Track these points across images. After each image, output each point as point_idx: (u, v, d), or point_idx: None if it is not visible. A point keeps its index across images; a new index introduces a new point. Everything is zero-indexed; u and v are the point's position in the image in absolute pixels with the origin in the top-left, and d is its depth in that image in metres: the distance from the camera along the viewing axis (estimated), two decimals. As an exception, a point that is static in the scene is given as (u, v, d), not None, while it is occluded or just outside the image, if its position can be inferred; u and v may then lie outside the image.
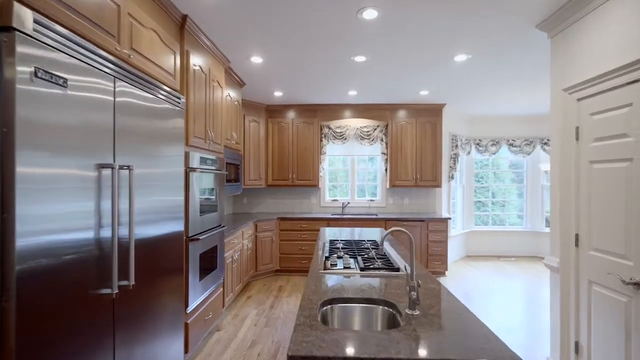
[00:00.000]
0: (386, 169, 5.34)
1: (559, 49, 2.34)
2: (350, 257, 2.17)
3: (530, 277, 4.81)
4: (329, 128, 5.34)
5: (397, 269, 1.90)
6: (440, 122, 5.09)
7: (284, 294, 4.09)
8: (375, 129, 5.32)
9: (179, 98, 2.20)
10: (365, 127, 5.34)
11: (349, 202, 5.33)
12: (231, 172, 3.88)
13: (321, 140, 5.33)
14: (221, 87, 3.17)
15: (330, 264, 2.00)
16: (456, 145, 5.64)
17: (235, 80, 3.86)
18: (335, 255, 2.23)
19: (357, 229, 3.53)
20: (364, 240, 2.77)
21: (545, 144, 5.96)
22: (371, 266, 1.95)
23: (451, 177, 5.60)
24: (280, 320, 3.27)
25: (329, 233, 3.27)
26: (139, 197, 1.74)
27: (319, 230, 4.79)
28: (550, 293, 2.42)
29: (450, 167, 5.61)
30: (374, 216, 4.99)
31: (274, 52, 3.08)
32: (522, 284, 4.47)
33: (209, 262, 2.80)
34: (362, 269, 1.90)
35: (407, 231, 1.49)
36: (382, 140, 5.33)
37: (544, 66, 3.39)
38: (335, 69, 3.53)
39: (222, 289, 3.19)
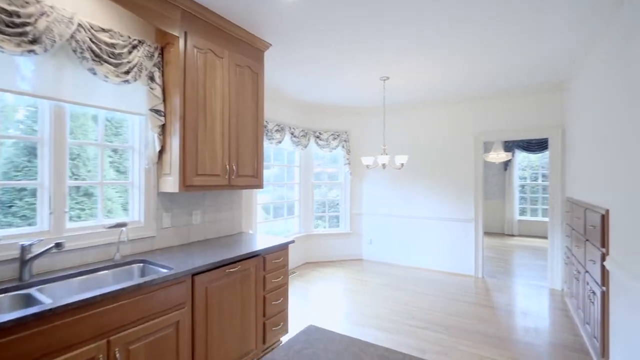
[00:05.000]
0: (162, 149, 2.33)
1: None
2: None
3: (318, 288, 3.91)
4: (-38, -18, 1.46)
5: None
6: (263, 75, 2.93)
7: None
8: (135, 46, 2.14)
9: None
10: (110, 31, 2.00)
11: (60, 243, 1.71)
12: None
13: None
14: None
15: None
16: (258, 122, 3.66)
17: None
18: None
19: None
20: None
21: (318, 137, 5.43)
22: None
23: (255, 171, 3.53)
24: None
25: None
26: None
27: None
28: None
29: (252, 154, 3.52)
30: (161, 271, 1.93)
31: None
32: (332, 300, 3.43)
33: None
34: None
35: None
36: (151, 78, 2.25)
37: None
38: None
39: None
